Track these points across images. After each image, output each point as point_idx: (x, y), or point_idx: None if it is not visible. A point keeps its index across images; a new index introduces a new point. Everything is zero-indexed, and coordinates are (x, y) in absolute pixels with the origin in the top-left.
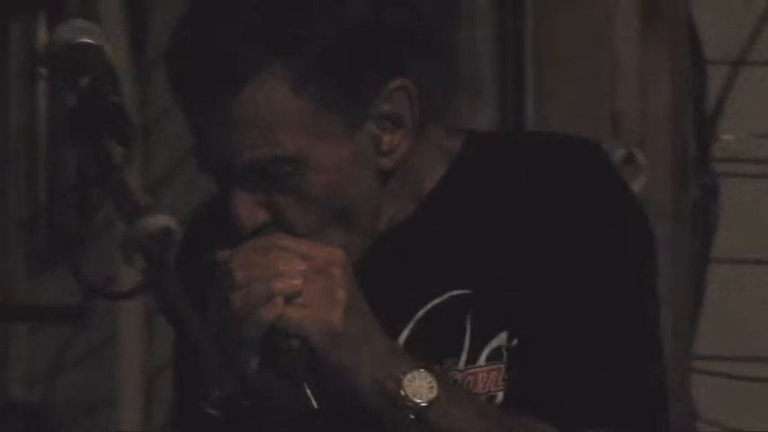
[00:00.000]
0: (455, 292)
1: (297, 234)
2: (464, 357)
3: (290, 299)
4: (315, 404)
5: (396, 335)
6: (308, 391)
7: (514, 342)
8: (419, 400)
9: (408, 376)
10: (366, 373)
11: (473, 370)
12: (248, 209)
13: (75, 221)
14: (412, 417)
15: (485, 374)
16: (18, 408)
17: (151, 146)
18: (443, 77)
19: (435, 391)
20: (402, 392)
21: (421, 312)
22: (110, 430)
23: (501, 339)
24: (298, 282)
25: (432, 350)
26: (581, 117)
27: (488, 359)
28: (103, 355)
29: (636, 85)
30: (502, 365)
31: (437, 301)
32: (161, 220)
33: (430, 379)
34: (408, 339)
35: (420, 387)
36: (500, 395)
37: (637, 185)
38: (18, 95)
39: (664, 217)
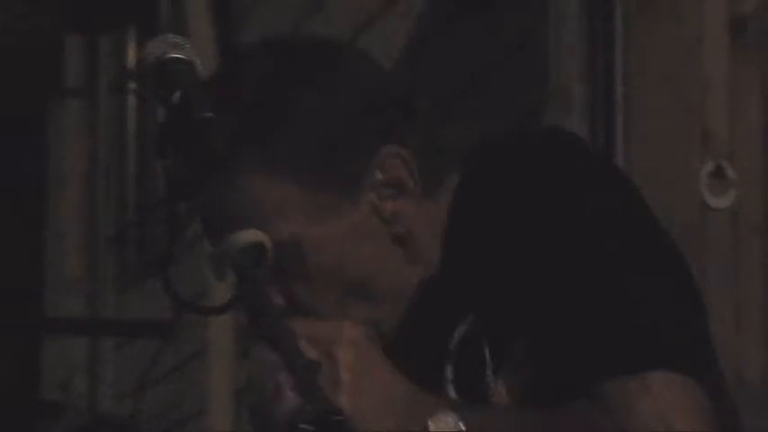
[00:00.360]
0: (470, 316)
1: (315, 315)
2: (490, 377)
3: None
4: None
5: (441, 377)
6: None
7: (524, 342)
8: None
9: (433, 420)
10: None
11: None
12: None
13: (165, 236)
14: None
15: None
16: (107, 421)
17: None
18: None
19: (462, 425)
20: None
21: (452, 345)
22: None
23: (516, 350)
24: None
25: (471, 376)
26: (670, 131)
27: (512, 371)
28: (192, 369)
29: (725, 100)
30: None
31: (461, 329)
32: (252, 235)
33: (453, 416)
34: (453, 375)
35: (447, 426)
36: None
37: (726, 200)
38: (107, 110)
39: (753, 231)
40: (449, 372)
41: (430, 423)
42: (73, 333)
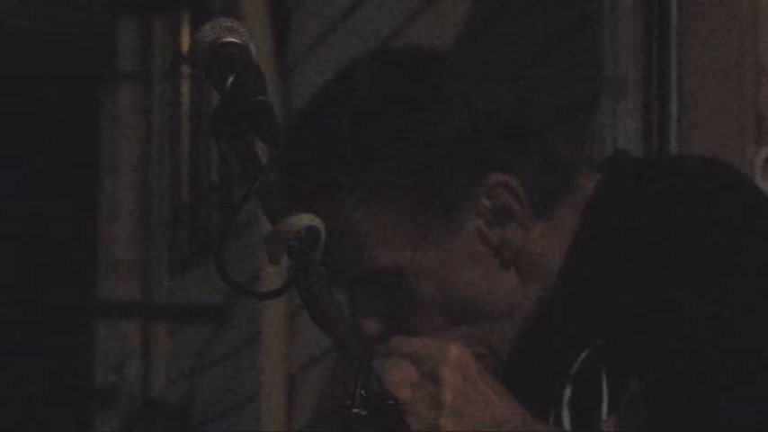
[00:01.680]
0: (595, 344)
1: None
2: (605, 407)
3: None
4: None
5: (557, 399)
6: None
7: (644, 383)
8: None
9: None
10: None
11: (616, 418)
12: (368, 319)
13: (219, 221)
14: None
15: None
16: (160, 406)
17: None
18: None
19: None
20: None
21: (575, 368)
22: (252, 428)
23: (635, 385)
24: (405, 392)
25: (586, 403)
26: (725, 118)
27: (628, 406)
28: (245, 354)
29: None
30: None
31: (585, 354)
32: (307, 219)
33: None
34: (570, 398)
35: None
36: None
37: None
38: (161, 94)
39: None
40: (567, 394)
41: None
42: (126, 317)
